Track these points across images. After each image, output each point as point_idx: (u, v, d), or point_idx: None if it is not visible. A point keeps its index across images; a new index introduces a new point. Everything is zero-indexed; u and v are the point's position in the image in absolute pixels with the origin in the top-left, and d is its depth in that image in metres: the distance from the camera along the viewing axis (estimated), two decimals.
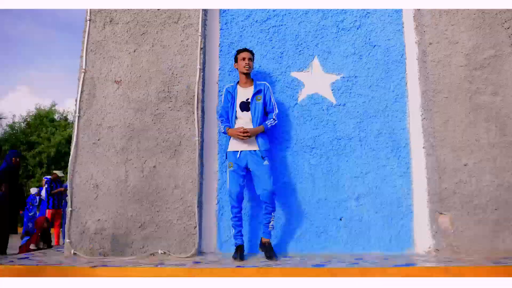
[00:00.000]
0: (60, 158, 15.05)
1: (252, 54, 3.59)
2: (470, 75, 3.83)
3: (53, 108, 17.01)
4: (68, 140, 15.52)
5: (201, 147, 3.66)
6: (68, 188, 3.51)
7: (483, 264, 3.02)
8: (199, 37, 3.77)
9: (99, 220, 3.46)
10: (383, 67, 4.08)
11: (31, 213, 9.53)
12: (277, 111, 3.55)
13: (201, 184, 3.61)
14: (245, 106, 3.47)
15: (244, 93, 3.51)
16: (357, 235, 3.75)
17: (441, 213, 3.62)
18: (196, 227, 3.44)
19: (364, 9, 4.15)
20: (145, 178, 3.53)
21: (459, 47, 3.88)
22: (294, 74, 4.01)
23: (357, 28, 4.14)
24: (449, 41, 3.91)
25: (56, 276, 2.85)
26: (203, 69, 3.78)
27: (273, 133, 3.80)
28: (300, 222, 3.74)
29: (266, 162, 3.37)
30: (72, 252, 3.40)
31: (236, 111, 3.47)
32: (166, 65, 3.73)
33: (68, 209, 3.48)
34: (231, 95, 3.52)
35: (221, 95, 3.91)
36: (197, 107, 3.64)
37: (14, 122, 16.65)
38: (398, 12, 4.16)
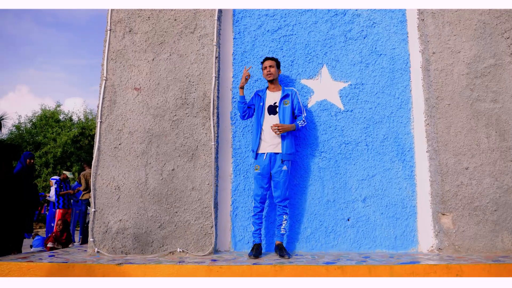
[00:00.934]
0: (66, 158, 15.24)
1: (275, 60, 3.80)
2: (471, 83, 4.03)
3: (58, 109, 17.19)
4: (74, 140, 15.71)
5: (217, 151, 3.86)
6: (91, 190, 3.71)
7: (483, 262, 3.22)
8: (214, 47, 3.97)
9: (121, 220, 3.66)
10: (389, 75, 4.29)
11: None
12: (305, 114, 3.76)
13: (216, 186, 3.81)
14: (272, 110, 3.70)
15: (273, 96, 3.74)
16: (364, 234, 3.95)
17: (443, 214, 3.82)
18: (212, 227, 3.64)
19: (371, 19, 4.35)
20: (164, 181, 3.73)
21: (461, 56, 4.08)
22: (304, 81, 4.22)
23: (364, 38, 4.34)
24: (452, 51, 4.12)
25: (85, 274, 3.06)
26: (218, 77, 3.98)
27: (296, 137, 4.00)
28: (310, 222, 3.95)
29: (284, 168, 3.58)
30: (95, 250, 3.60)
31: (264, 114, 3.68)
32: (183, 73, 3.93)
33: (92, 210, 3.68)
34: (260, 97, 3.75)
35: (235, 101, 4.11)
36: (213, 113, 3.84)
37: (20, 123, 16.84)
38: (403, 22, 4.36)
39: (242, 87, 3.74)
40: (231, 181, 3.97)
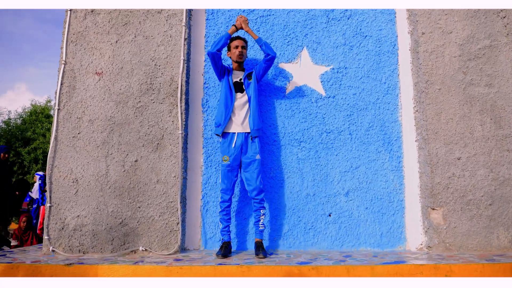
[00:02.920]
0: None
1: (246, 42, 3.49)
2: (464, 66, 3.70)
3: (48, 104, 16.88)
4: None
5: (185, 141, 3.54)
6: (46, 183, 3.39)
7: (476, 261, 2.90)
8: (183, 27, 3.64)
9: (78, 216, 3.34)
10: (375, 58, 3.95)
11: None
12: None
13: (185, 179, 3.49)
14: (239, 87, 3.39)
15: (237, 75, 3.46)
16: (346, 231, 3.63)
17: (433, 209, 3.49)
18: (178, 223, 3.32)
19: None
20: (126, 173, 3.41)
21: (453, 37, 3.75)
22: (282, 65, 3.88)
23: (348, 18, 4.01)
24: (443, 31, 3.78)
25: (30, 275, 2.74)
26: (187, 60, 3.65)
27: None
28: (287, 218, 3.63)
29: (258, 157, 3.29)
30: (51, 249, 3.28)
31: (233, 90, 3.37)
32: (148, 56, 3.61)
33: (47, 205, 3.36)
34: (227, 69, 3.46)
35: (207, 87, 3.79)
36: (181, 100, 3.52)
37: (9, 119, 16.54)
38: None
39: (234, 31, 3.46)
40: (202, 174, 3.65)
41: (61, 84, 3.56)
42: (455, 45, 3.75)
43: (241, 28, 3.44)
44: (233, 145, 3.27)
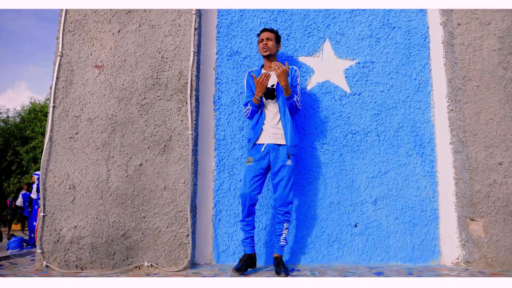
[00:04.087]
0: None
1: (274, 33, 3.09)
2: (504, 60, 3.33)
3: (47, 102, 16.50)
4: None
5: (195, 143, 3.16)
6: (40, 189, 3.02)
7: None
8: (193, 16, 3.26)
9: (75, 227, 2.97)
10: (404, 51, 3.58)
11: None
12: (300, 97, 3.03)
13: (195, 185, 3.11)
14: (270, 94, 2.97)
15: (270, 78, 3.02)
16: (374, 244, 3.25)
17: (472, 219, 3.12)
18: (188, 235, 2.95)
19: None
20: (129, 178, 3.03)
21: (492, 29, 3.37)
22: (303, 59, 3.51)
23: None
24: (480, 22, 3.41)
25: None
26: (197, 53, 3.27)
27: (297, 124, 3.30)
28: (309, 228, 3.25)
29: (289, 162, 2.89)
30: (44, 264, 2.91)
31: (262, 100, 2.98)
32: (155, 47, 3.23)
33: (40, 214, 2.99)
34: (253, 81, 3.01)
35: (219, 82, 3.41)
36: (191, 96, 3.14)
37: (8, 117, 16.16)
38: None
39: (261, 97, 2.94)
40: (214, 179, 3.27)
41: (57, 78, 3.19)
42: (494, 37, 3.37)
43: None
44: (262, 149, 2.91)
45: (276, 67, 2.86)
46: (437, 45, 3.59)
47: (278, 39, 3.10)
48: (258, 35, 3.10)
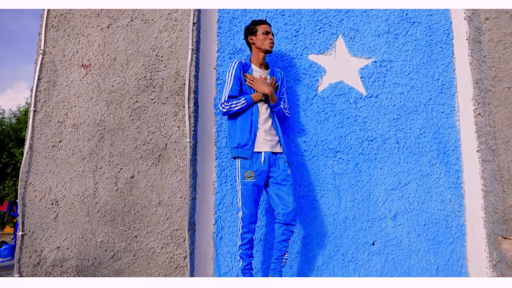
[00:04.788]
0: None
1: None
2: None
3: None
4: None
5: (194, 152, 2.81)
6: (19, 205, 2.67)
7: None
8: (192, 9, 2.91)
9: (58, 248, 2.62)
10: (425, 49, 3.23)
11: None
12: (288, 104, 2.72)
13: (193, 199, 2.77)
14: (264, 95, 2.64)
15: (261, 76, 2.69)
16: (394, 264, 2.91)
17: (505, 237, 2.78)
18: (186, 257, 2.60)
19: None
20: (119, 192, 2.68)
21: None
22: (313, 57, 3.16)
23: (392, 0, 3.28)
24: (511, 16, 3.06)
25: None
26: (196, 50, 2.92)
27: (285, 131, 2.96)
28: (322, 247, 2.91)
29: (289, 171, 2.57)
30: None
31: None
32: (148, 44, 2.88)
33: (19, 234, 2.64)
34: (242, 69, 2.66)
35: (220, 83, 3.06)
36: (189, 99, 2.79)
37: (3, 118, 15.78)
38: None
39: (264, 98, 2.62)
40: (214, 192, 2.92)
41: (38, 79, 2.83)
42: None
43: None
44: (262, 160, 2.54)
45: (251, 81, 2.61)
46: (462, 42, 3.25)
47: None
48: (257, 23, 2.71)
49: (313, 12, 3.21)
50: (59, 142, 2.75)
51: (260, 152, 2.53)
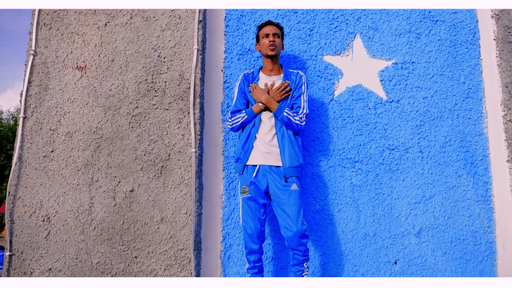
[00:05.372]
0: None
1: (280, 28, 2.48)
2: None
3: None
4: None
5: (200, 162, 2.56)
6: (6, 222, 2.42)
7: None
8: (197, 9, 2.66)
9: (50, 269, 2.37)
10: (449, 50, 2.98)
11: None
12: (306, 111, 2.41)
13: (199, 215, 2.51)
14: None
15: (266, 84, 2.42)
16: None
17: None
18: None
19: None
20: (118, 208, 2.43)
21: None
22: (328, 58, 2.90)
23: None
24: None
25: None
26: (202, 51, 2.67)
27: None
28: (339, 266, 2.65)
29: (294, 187, 2.26)
30: None
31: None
32: (149, 44, 2.63)
33: (6, 253, 2.39)
34: (250, 86, 2.41)
35: (228, 87, 2.80)
36: (194, 104, 2.54)
37: (1, 119, 15.52)
38: None
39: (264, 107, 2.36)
40: (222, 206, 2.66)
41: (29, 82, 2.58)
42: None
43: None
44: (253, 174, 2.29)
45: (251, 90, 2.39)
46: (489, 42, 3.00)
47: (283, 36, 2.52)
48: (259, 28, 2.48)
49: (328, 9, 2.95)
50: (51, 152, 2.50)
51: (255, 165, 2.29)
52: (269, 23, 2.46)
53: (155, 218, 2.42)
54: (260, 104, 2.33)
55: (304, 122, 2.34)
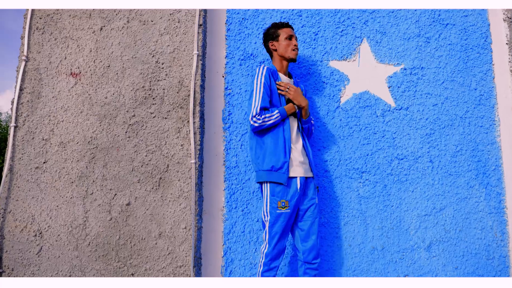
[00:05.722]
0: None
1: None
2: None
3: None
4: None
5: (200, 174, 2.43)
6: None
7: None
8: (197, 9, 2.54)
9: None
10: (460, 54, 2.86)
11: None
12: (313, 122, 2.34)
13: (199, 229, 2.39)
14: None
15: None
16: None
17: None
18: None
19: None
20: (114, 222, 2.31)
21: None
22: (334, 63, 2.78)
23: None
24: None
25: None
26: (202, 56, 2.55)
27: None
28: None
29: (317, 200, 2.21)
30: None
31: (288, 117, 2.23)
32: (147, 49, 2.51)
33: None
34: (272, 75, 2.25)
35: (229, 94, 2.68)
36: (194, 113, 2.42)
37: (0, 121, 15.36)
38: None
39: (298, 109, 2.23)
40: (223, 219, 2.54)
41: (21, 90, 2.46)
42: None
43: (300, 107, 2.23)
44: (298, 186, 2.12)
45: (287, 89, 2.20)
46: (501, 47, 2.88)
47: None
48: (278, 26, 2.31)
49: (334, 12, 2.83)
50: (44, 163, 2.38)
51: (295, 177, 2.12)
52: (289, 24, 2.34)
53: (152, 233, 2.30)
54: (296, 106, 2.20)
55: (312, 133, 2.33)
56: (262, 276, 2.14)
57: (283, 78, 2.30)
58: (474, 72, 2.84)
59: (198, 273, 2.33)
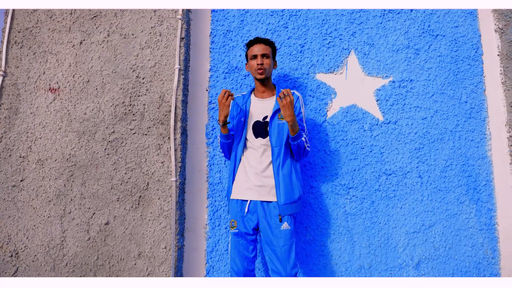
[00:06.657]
0: None
1: (271, 45, 2.22)
2: None
3: None
4: None
5: (181, 191, 2.37)
6: None
7: None
8: (179, 21, 2.48)
9: None
10: (450, 66, 2.79)
11: None
12: (307, 135, 2.23)
13: (180, 249, 2.33)
14: (261, 129, 2.14)
15: (261, 107, 2.19)
16: None
17: None
18: None
19: None
20: (92, 242, 2.25)
21: None
22: (321, 76, 2.72)
23: (411, 11, 2.85)
24: None
25: None
26: (185, 70, 2.49)
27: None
28: None
29: (285, 226, 2.05)
30: None
31: (245, 135, 2.15)
32: (128, 64, 2.45)
33: None
34: (240, 109, 2.20)
35: (213, 108, 2.62)
36: (175, 129, 2.36)
37: None
38: None
39: (224, 122, 2.09)
40: (206, 237, 2.48)
41: None
42: None
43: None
44: (246, 210, 2.08)
45: (282, 96, 1.99)
46: (492, 58, 2.81)
47: (274, 53, 2.26)
48: (247, 46, 2.24)
49: (321, 23, 2.77)
50: (21, 181, 2.32)
51: (246, 200, 2.08)
52: (257, 40, 2.22)
53: (132, 253, 2.24)
54: (219, 123, 2.09)
55: (309, 147, 2.20)
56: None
57: (254, 99, 2.23)
58: (465, 85, 2.78)
59: None
